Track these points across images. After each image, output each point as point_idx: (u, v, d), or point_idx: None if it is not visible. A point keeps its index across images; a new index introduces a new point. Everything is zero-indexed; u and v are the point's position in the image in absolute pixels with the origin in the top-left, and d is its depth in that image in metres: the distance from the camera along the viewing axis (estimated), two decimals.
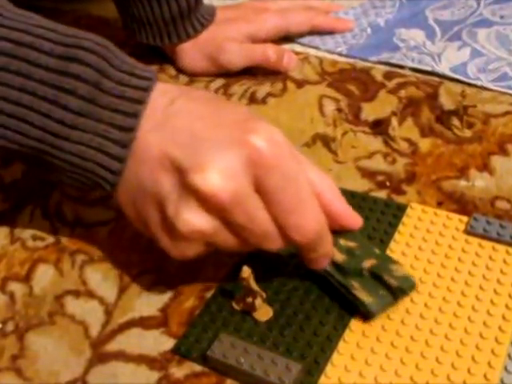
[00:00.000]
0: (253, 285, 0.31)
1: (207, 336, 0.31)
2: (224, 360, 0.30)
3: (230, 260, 0.36)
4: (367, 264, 0.32)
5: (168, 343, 0.32)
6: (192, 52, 0.51)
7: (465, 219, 0.36)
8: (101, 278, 0.36)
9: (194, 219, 0.29)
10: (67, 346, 0.32)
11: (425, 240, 0.35)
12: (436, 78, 0.48)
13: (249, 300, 0.32)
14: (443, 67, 0.49)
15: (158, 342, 0.32)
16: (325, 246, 0.31)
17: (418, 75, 0.49)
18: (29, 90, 0.29)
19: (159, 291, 0.35)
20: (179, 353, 0.31)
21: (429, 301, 0.32)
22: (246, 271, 0.31)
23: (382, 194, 0.39)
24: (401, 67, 0.50)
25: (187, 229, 0.29)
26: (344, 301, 0.32)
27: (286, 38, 0.54)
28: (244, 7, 0.53)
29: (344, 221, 0.32)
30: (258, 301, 0.32)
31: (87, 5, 0.62)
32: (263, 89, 0.50)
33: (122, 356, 0.32)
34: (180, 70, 0.53)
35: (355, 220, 0.32)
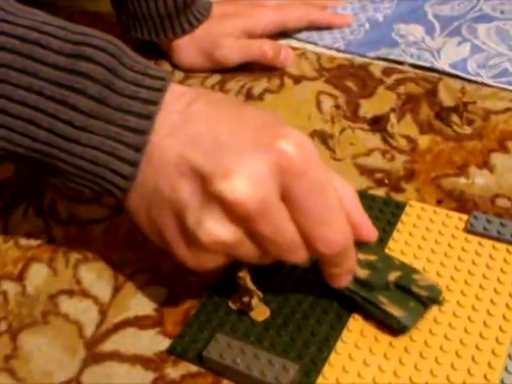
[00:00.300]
0: (249, 284, 0.31)
1: (203, 336, 0.31)
2: (220, 360, 0.29)
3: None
4: (392, 277, 0.31)
5: (163, 343, 0.32)
6: (188, 47, 0.50)
7: (464, 217, 0.36)
8: (95, 277, 0.36)
9: (217, 229, 0.27)
10: (61, 346, 0.32)
11: (424, 238, 0.35)
12: (435, 74, 0.48)
13: (245, 299, 0.32)
14: (443, 63, 0.49)
15: (154, 342, 0.32)
16: (349, 261, 0.30)
17: (417, 71, 0.49)
18: (35, 90, 0.28)
19: (154, 290, 0.34)
20: (175, 353, 0.31)
21: None
22: (243, 270, 0.30)
23: (381, 192, 0.39)
24: (400, 63, 0.50)
25: (209, 239, 0.27)
26: (367, 313, 0.31)
27: (283, 34, 0.54)
28: (241, 2, 0.53)
29: (362, 232, 0.30)
30: (255, 300, 0.31)
31: (82, 0, 0.62)
32: (260, 85, 0.49)
33: (117, 356, 0.31)
34: (175, 66, 0.52)
35: (373, 232, 0.31)
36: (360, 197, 0.38)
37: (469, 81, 0.47)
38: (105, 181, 0.29)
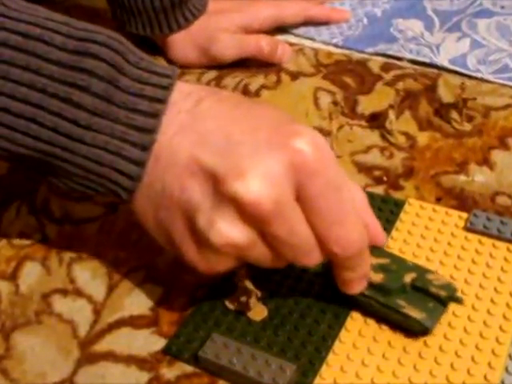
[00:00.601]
0: (247, 283, 0.31)
1: (199, 336, 0.31)
2: (216, 360, 0.29)
3: None
4: (408, 278, 0.30)
5: (159, 343, 0.31)
6: (183, 43, 0.50)
7: (464, 215, 0.36)
8: (89, 276, 0.35)
9: (230, 231, 0.26)
10: (55, 346, 0.32)
11: (423, 237, 0.35)
12: (434, 70, 0.48)
13: (243, 299, 0.31)
14: (442, 59, 0.48)
15: (149, 342, 0.32)
16: (364, 264, 0.29)
17: (416, 67, 0.49)
18: (38, 87, 0.27)
19: (149, 289, 0.34)
20: (170, 353, 0.31)
21: None
22: (241, 270, 0.30)
23: (379, 190, 0.39)
24: (398, 59, 0.50)
25: (221, 241, 0.26)
26: (386, 320, 0.30)
27: (280, 29, 0.54)
28: None
29: (373, 235, 0.30)
30: (253, 300, 0.31)
31: None
32: (257, 81, 0.49)
33: (111, 356, 0.31)
34: (171, 62, 0.52)
35: (383, 235, 0.31)
36: None
37: (469, 77, 0.46)
38: (110, 181, 0.28)
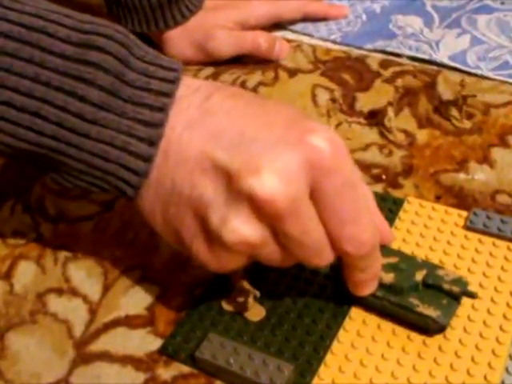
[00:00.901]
0: (245, 283, 0.30)
1: (196, 336, 0.31)
2: (213, 361, 0.29)
3: None
4: (419, 276, 0.30)
5: (155, 343, 0.31)
6: (180, 39, 0.49)
7: (464, 214, 0.35)
8: (85, 275, 0.35)
9: (244, 228, 0.26)
10: (50, 347, 0.32)
11: (422, 236, 0.35)
12: (434, 67, 0.48)
13: (240, 299, 0.31)
14: (441, 55, 0.48)
15: (145, 342, 0.31)
16: (375, 266, 0.29)
17: (416, 64, 0.48)
18: (42, 80, 0.26)
19: (146, 289, 0.34)
20: (166, 353, 0.31)
21: None
22: (238, 270, 0.30)
23: (378, 188, 0.38)
24: (397, 55, 0.49)
25: (234, 239, 0.26)
26: (395, 318, 0.30)
27: (278, 26, 0.54)
28: None
29: (382, 234, 0.29)
30: (250, 300, 0.31)
31: None
32: (254, 78, 0.49)
33: (107, 356, 0.31)
34: None
35: (391, 235, 0.30)
36: None
37: (468, 73, 0.46)
38: (116, 178, 0.28)
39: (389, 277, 0.30)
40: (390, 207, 0.36)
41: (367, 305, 0.31)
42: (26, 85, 0.26)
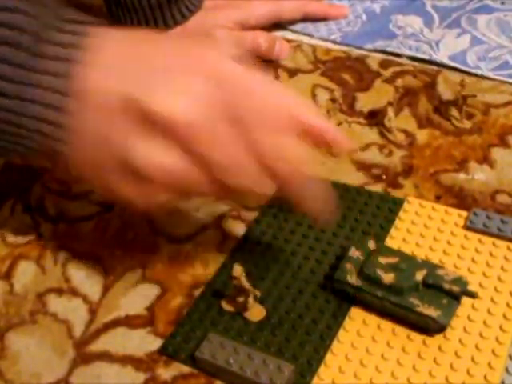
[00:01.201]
0: (245, 283, 0.30)
1: (195, 336, 0.31)
2: (213, 361, 0.29)
3: (219, 256, 0.35)
4: (419, 276, 0.30)
5: (155, 343, 0.31)
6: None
7: (464, 214, 0.35)
8: (84, 276, 0.35)
9: (163, 157, 0.26)
10: (50, 347, 0.32)
11: (422, 236, 0.35)
12: (434, 67, 0.48)
13: (240, 300, 0.31)
14: (441, 55, 0.48)
15: (145, 342, 0.31)
16: (313, 188, 0.29)
17: (416, 64, 0.48)
18: None
19: (145, 289, 0.34)
20: (166, 353, 0.31)
21: None
22: (238, 270, 0.30)
23: (378, 188, 0.38)
24: (397, 55, 0.49)
25: (156, 169, 0.26)
26: (399, 320, 0.30)
27: (278, 25, 0.53)
28: None
29: (328, 136, 0.29)
30: (250, 300, 0.31)
31: None
32: None
33: (107, 356, 0.31)
34: None
35: (337, 137, 0.29)
36: (356, 193, 0.37)
37: (468, 73, 0.46)
38: (37, 133, 0.28)
39: (389, 277, 0.30)
40: (390, 207, 0.36)
41: (367, 305, 0.31)
42: None
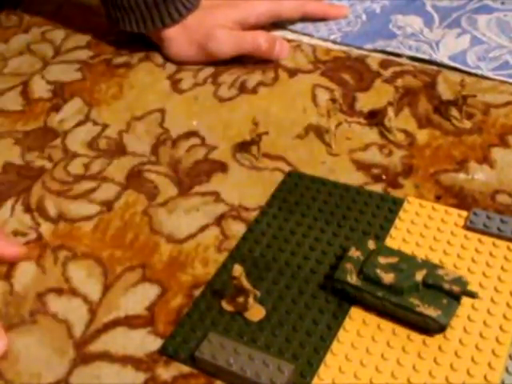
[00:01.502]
0: (245, 283, 0.30)
1: (196, 336, 0.31)
2: (213, 361, 0.29)
3: (219, 256, 0.35)
4: (419, 276, 0.30)
5: (155, 343, 0.31)
6: (179, 39, 0.49)
7: (464, 214, 0.35)
8: (84, 275, 0.35)
9: None
10: (50, 347, 0.32)
11: (422, 236, 0.34)
12: (434, 67, 0.47)
13: (240, 300, 0.31)
14: (441, 55, 0.48)
15: (145, 342, 0.31)
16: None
17: (416, 64, 0.48)
18: None
19: (145, 289, 0.34)
20: (166, 353, 0.31)
21: None
22: (238, 270, 0.30)
23: (378, 188, 0.38)
24: (397, 55, 0.49)
25: None
26: (401, 321, 0.30)
27: (278, 25, 0.53)
28: None
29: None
30: (250, 300, 0.31)
31: None
32: (254, 78, 0.49)
33: (107, 356, 0.31)
34: (167, 59, 0.51)
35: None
36: (356, 193, 0.37)
37: (468, 73, 0.46)
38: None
39: (389, 277, 0.30)
40: (390, 207, 0.36)
41: (367, 305, 0.31)
42: None
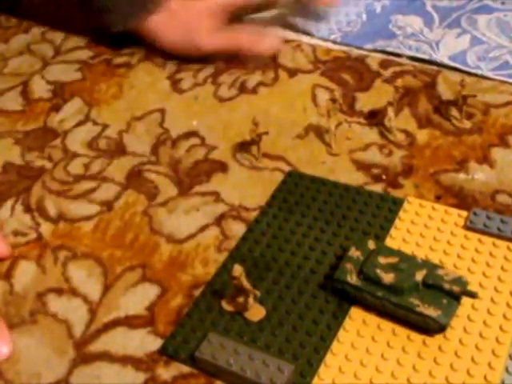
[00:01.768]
0: (245, 283, 0.30)
1: (196, 336, 0.31)
2: (213, 361, 0.29)
3: (219, 256, 0.35)
4: (419, 276, 0.30)
5: (155, 343, 0.31)
6: (167, 23, 0.50)
7: (464, 214, 0.35)
8: (85, 275, 0.35)
9: None
10: (50, 347, 0.32)
11: (422, 236, 0.34)
12: (434, 67, 0.47)
13: (240, 300, 0.31)
14: (441, 55, 0.48)
15: (145, 342, 0.31)
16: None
17: (416, 64, 0.48)
18: None
19: (145, 289, 0.34)
20: (166, 353, 0.31)
21: None
22: (238, 270, 0.30)
23: (378, 188, 0.38)
24: (397, 55, 0.49)
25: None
26: (402, 321, 0.30)
27: (278, 26, 0.53)
28: None
29: None
30: (250, 300, 0.31)
31: None
32: (254, 78, 0.49)
33: (107, 356, 0.31)
34: (167, 59, 0.51)
35: None
36: (356, 193, 0.37)
37: (468, 73, 0.46)
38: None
39: (389, 277, 0.30)
40: (390, 207, 0.36)
41: (367, 305, 0.31)
42: None
